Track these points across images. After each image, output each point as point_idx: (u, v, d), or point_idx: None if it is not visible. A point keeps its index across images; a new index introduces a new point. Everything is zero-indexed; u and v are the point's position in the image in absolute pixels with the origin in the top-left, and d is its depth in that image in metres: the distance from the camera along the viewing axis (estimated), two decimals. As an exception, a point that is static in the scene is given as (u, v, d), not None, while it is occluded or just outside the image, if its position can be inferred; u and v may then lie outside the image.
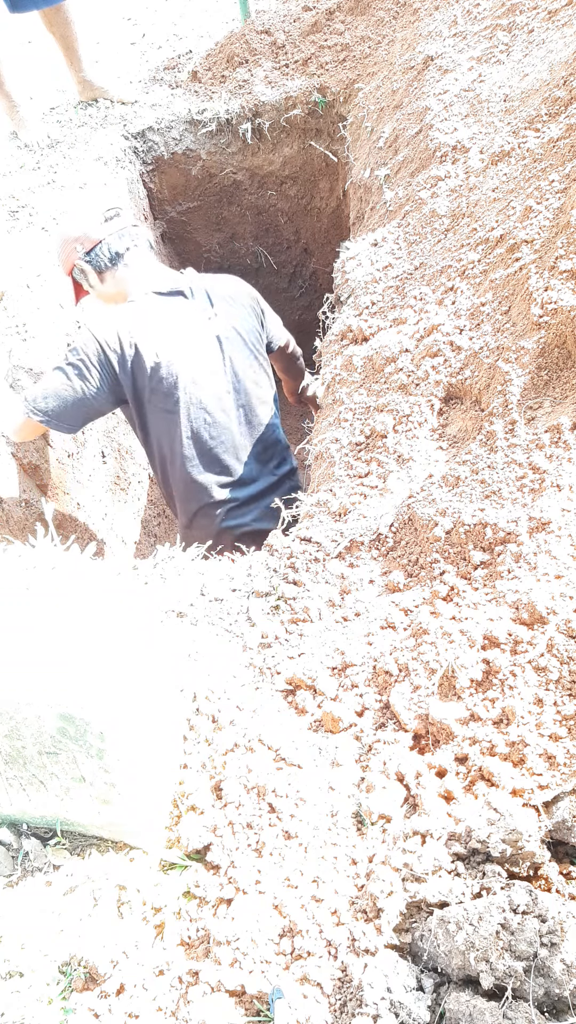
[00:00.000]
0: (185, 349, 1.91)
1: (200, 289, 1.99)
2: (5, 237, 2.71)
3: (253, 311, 2.10)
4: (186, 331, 1.92)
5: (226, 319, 2.00)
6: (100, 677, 1.04)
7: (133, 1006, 0.95)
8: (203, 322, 1.95)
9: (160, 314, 1.90)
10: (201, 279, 2.05)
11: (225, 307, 1.99)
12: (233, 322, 2.00)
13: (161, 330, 1.88)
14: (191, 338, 1.92)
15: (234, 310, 2.02)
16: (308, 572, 1.48)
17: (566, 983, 0.77)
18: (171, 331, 1.89)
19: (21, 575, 1.20)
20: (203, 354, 1.94)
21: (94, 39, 3.65)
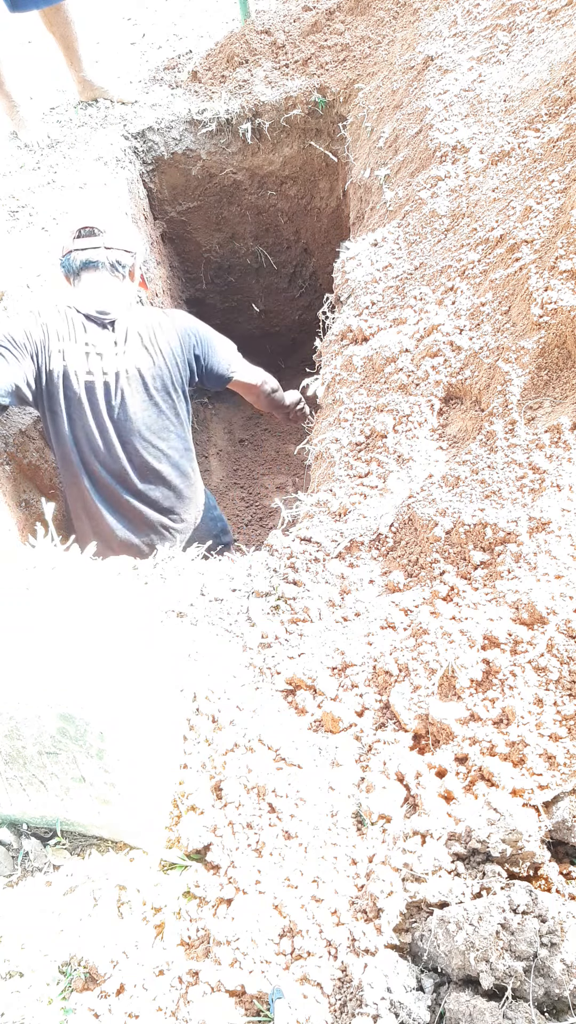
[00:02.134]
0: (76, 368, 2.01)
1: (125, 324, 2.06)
2: (5, 237, 2.71)
3: (176, 356, 2.12)
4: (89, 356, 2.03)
5: (133, 358, 2.05)
6: (100, 677, 1.04)
7: (133, 1006, 0.95)
8: (108, 355, 2.03)
9: (71, 329, 2.02)
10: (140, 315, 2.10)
11: (136, 346, 2.05)
12: (138, 363, 2.06)
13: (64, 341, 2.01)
14: (89, 363, 2.03)
15: (144, 352, 2.07)
16: (308, 572, 1.48)
17: (566, 983, 0.77)
18: (73, 347, 2.01)
19: (21, 575, 1.20)
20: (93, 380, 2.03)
21: (94, 39, 3.64)
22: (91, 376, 2.01)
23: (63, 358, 2.00)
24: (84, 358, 2.01)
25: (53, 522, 2.24)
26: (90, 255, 2.05)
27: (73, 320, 2.02)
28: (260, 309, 4.11)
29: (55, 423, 2.04)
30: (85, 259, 2.05)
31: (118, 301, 2.08)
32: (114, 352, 2.03)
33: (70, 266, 2.07)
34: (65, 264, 2.09)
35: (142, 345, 2.07)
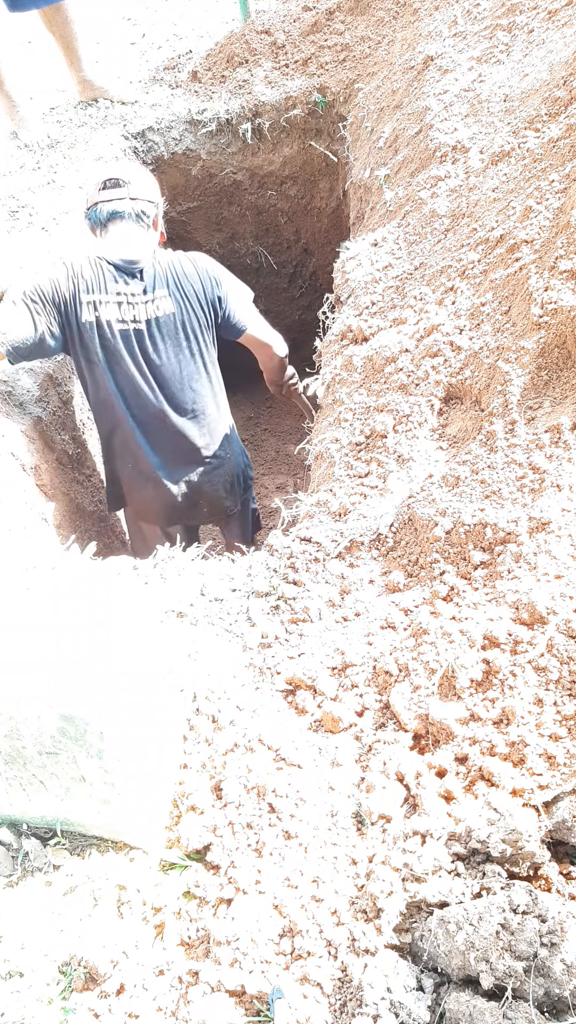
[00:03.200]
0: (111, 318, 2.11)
1: (153, 271, 2.13)
2: (5, 237, 2.71)
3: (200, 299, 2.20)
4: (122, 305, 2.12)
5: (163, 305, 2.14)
6: (100, 677, 1.04)
7: (133, 1006, 0.95)
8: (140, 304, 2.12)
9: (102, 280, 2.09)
10: (164, 260, 2.18)
11: (164, 293, 2.14)
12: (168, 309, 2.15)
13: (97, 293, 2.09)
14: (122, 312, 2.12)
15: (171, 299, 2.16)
16: (308, 572, 1.48)
17: (566, 983, 0.77)
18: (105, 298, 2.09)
19: (21, 575, 1.20)
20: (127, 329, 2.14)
21: (94, 39, 3.64)
22: (124, 325, 2.11)
23: (95, 308, 2.08)
24: (117, 308, 2.09)
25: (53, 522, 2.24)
26: (116, 206, 2.10)
27: (104, 271, 2.09)
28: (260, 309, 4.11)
29: (93, 372, 2.14)
30: (111, 210, 2.10)
31: (145, 250, 2.14)
32: (144, 300, 2.12)
33: (97, 218, 2.12)
34: (92, 216, 2.14)
35: (169, 292, 2.14)
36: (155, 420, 2.23)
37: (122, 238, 2.12)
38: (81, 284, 2.08)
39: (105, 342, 2.11)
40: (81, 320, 2.08)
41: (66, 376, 2.53)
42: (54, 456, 2.40)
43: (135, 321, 2.11)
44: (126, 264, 2.10)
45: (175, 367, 2.20)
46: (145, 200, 2.14)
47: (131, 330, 2.12)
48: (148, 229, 2.18)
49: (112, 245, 2.12)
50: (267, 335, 2.41)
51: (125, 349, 2.12)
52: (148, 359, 2.16)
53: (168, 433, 2.27)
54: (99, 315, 2.08)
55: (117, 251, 2.11)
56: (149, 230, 2.18)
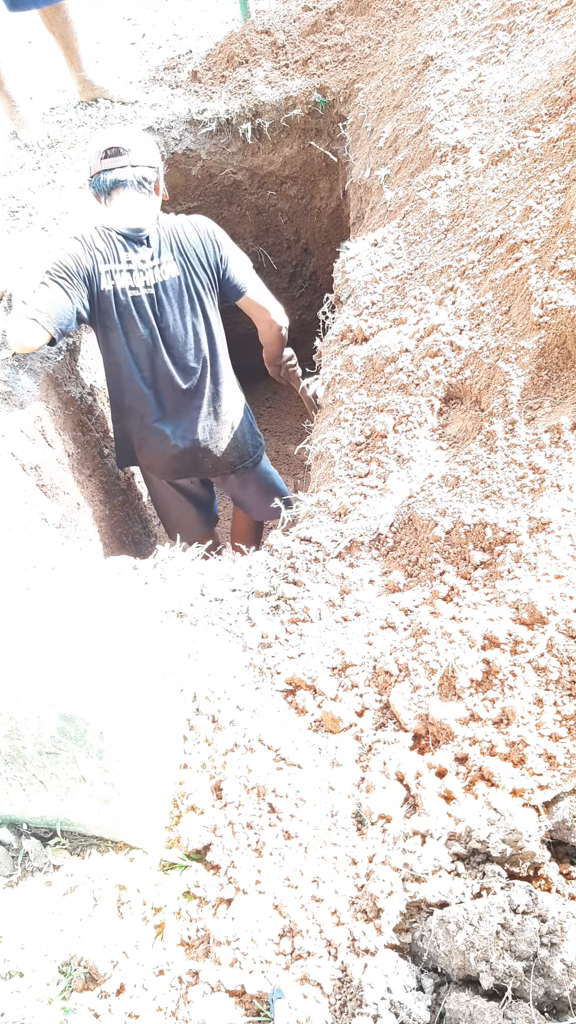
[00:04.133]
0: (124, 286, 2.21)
1: (158, 237, 2.23)
2: (5, 237, 2.71)
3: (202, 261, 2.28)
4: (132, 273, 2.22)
5: (168, 269, 2.24)
6: (100, 677, 1.04)
7: (133, 1006, 0.95)
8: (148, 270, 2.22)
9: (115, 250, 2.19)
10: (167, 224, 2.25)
11: (169, 258, 2.23)
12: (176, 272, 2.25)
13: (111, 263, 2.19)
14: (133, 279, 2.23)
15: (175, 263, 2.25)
16: (308, 572, 1.48)
17: (566, 983, 0.77)
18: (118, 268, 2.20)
19: (21, 575, 1.20)
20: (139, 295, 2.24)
21: (94, 39, 3.64)
22: (136, 291, 2.22)
23: (111, 278, 2.19)
24: (129, 276, 2.21)
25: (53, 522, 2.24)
26: (118, 174, 2.18)
27: (114, 241, 2.19)
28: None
29: (109, 337, 2.27)
30: (114, 179, 2.18)
31: (148, 216, 2.22)
32: (152, 266, 2.22)
33: (100, 186, 2.21)
34: (95, 184, 2.22)
35: (174, 256, 2.24)
36: (163, 379, 2.35)
37: (126, 206, 2.20)
38: (98, 256, 2.17)
39: (120, 308, 2.22)
40: (101, 289, 2.19)
41: (66, 376, 2.53)
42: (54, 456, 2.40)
43: (145, 287, 2.22)
44: (132, 233, 2.19)
45: (181, 328, 2.30)
46: (145, 166, 2.21)
47: (142, 295, 2.23)
48: (150, 194, 2.25)
49: (117, 214, 2.20)
50: (267, 300, 2.47)
51: (137, 314, 2.24)
52: (158, 321, 2.27)
53: (174, 391, 2.38)
54: (115, 283, 2.19)
55: (123, 220, 2.19)
56: (151, 195, 2.26)
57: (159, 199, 2.33)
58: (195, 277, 2.27)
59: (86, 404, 2.67)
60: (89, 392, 2.69)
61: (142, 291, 2.22)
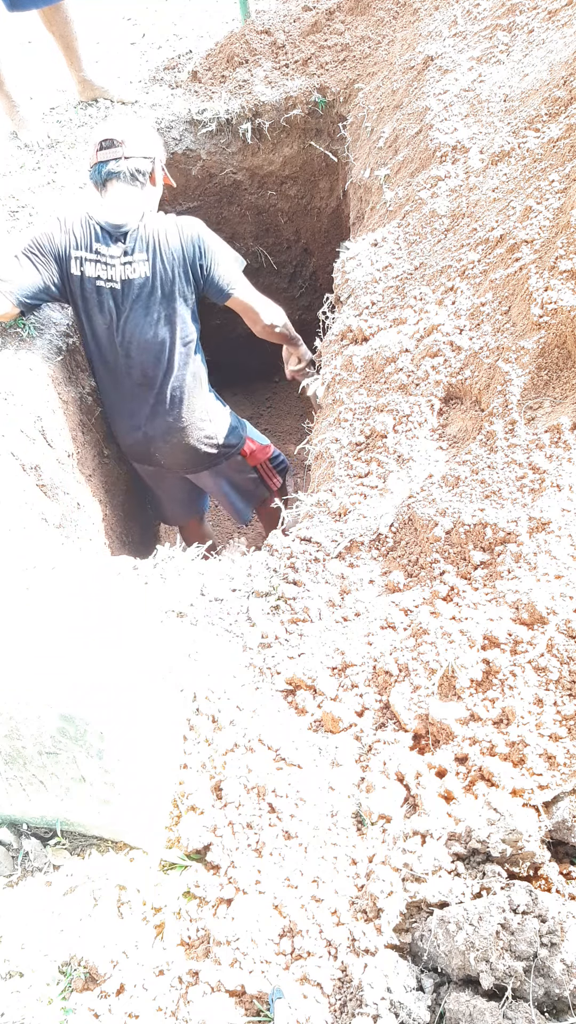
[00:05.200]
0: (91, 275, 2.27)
1: (135, 236, 2.25)
2: (5, 237, 2.70)
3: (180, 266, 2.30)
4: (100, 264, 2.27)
5: (138, 268, 2.27)
6: (100, 677, 1.04)
7: (133, 1006, 0.95)
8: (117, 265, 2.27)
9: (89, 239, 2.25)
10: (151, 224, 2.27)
11: (142, 258, 2.26)
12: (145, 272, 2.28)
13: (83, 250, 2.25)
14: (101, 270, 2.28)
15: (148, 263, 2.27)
16: (308, 572, 1.48)
17: (566, 983, 0.77)
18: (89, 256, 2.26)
19: (21, 575, 1.20)
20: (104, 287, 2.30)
21: (94, 39, 3.64)
22: (102, 283, 2.28)
23: (80, 264, 2.26)
24: (95, 266, 2.26)
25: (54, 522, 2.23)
26: (111, 167, 2.22)
27: (91, 229, 2.25)
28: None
29: (80, 319, 2.36)
30: (108, 171, 2.23)
31: (135, 211, 2.26)
32: (121, 262, 2.26)
33: (96, 177, 2.26)
34: (93, 175, 2.27)
35: (148, 256, 2.27)
36: (121, 371, 2.42)
37: (114, 200, 2.25)
38: (71, 240, 2.24)
39: (86, 295, 2.29)
40: (71, 272, 2.26)
41: (66, 376, 2.53)
42: (54, 456, 2.40)
43: (110, 280, 2.28)
44: (111, 227, 2.24)
45: (141, 328, 2.34)
46: (139, 157, 2.23)
47: (107, 288, 2.28)
48: (143, 187, 2.28)
49: (106, 206, 2.26)
50: (255, 300, 2.46)
51: (99, 303, 2.30)
52: (119, 316, 2.33)
53: (130, 385, 2.46)
54: (83, 270, 2.26)
55: (106, 213, 2.25)
56: (144, 187, 2.28)
57: (157, 189, 2.35)
58: (168, 281, 2.29)
59: (86, 404, 2.67)
60: (89, 392, 2.69)
61: (107, 284, 2.28)
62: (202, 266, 2.30)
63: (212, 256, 2.31)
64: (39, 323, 2.45)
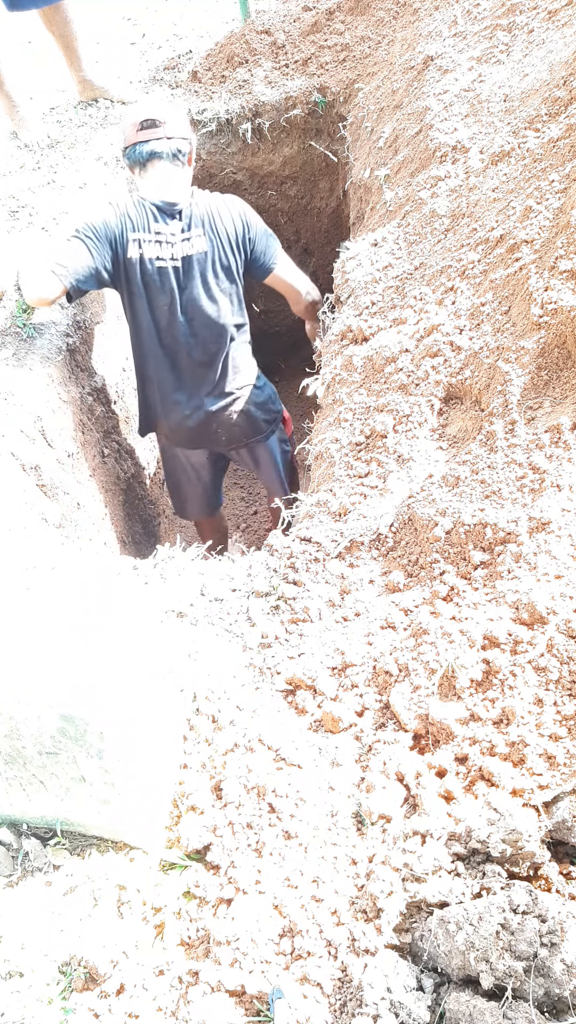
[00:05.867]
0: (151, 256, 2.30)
1: (190, 211, 2.29)
2: (5, 237, 2.70)
3: (232, 240, 2.36)
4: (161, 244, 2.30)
5: (197, 244, 2.31)
6: (100, 677, 1.04)
7: (133, 1006, 0.95)
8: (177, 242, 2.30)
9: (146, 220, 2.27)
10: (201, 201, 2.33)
11: (199, 233, 2.31)
12: (205, 247, 2.32)
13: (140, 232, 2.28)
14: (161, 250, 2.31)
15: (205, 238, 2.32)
16: (308, 572, 1.48)
17: (566, 983, 0.77)
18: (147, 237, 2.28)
19: (21, 575, 1.20)
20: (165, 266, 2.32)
21: (94, 39, 3.64)
22: (163, 262, 2.30)
23: (139, 247, 2.27)
24: (157, 246, 2.28)
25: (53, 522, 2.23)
26: (154, 146, 2.22)
27: (147, 211, 2.27)
28: (260, 309, 4.11)
29: (135, 304, 2.35)
30: (150, 150, 2.23)
31: (182, 189, 2.30)
32: (181, 239, 2.29)
33: (136, 157, 2.26)
34: (131, 155, 2.27)
35: (204, 232, 2.31)
36: (182, 350, 2.42)
37: (161, 179, 2.26)
38: (128, 223, 2.25)
39: (146, 277, 2.29)
40: (127, 256, 2.26)
41: (66, 376, 2.53)
42: (54, 456, 2.40)
43: (172, 259, 2.29)
44: (166, 205, 2.26)
45: (204, 302, 2.36)
46: (180, 138, 2.26)
47: (168, 267, 2.30)
48: (184, 166, 2.31)
49: (152, 186, 2.27)
50: (296, 278, 2.54)
51: (161, 284, 2.31)
52: (181, 294, 2.34)
53: (192, 363, 2.46)
54: (142, 252, 2.27)
55: (158, 192, 2.26)
56: (184, 167, 2.32)
57: (191, 170, 2.40)
58: (223, 254, 2.34)
59: (86, 404, 2.67)
60: (89, 392, 2.69)
61: (168, 263, 2.29)
62: (249, 239, 2.38)
63: (257, 231, 2.40)
64: (39, 323, 2.45)
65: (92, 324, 2.73)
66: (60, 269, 2.14)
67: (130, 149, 2.26)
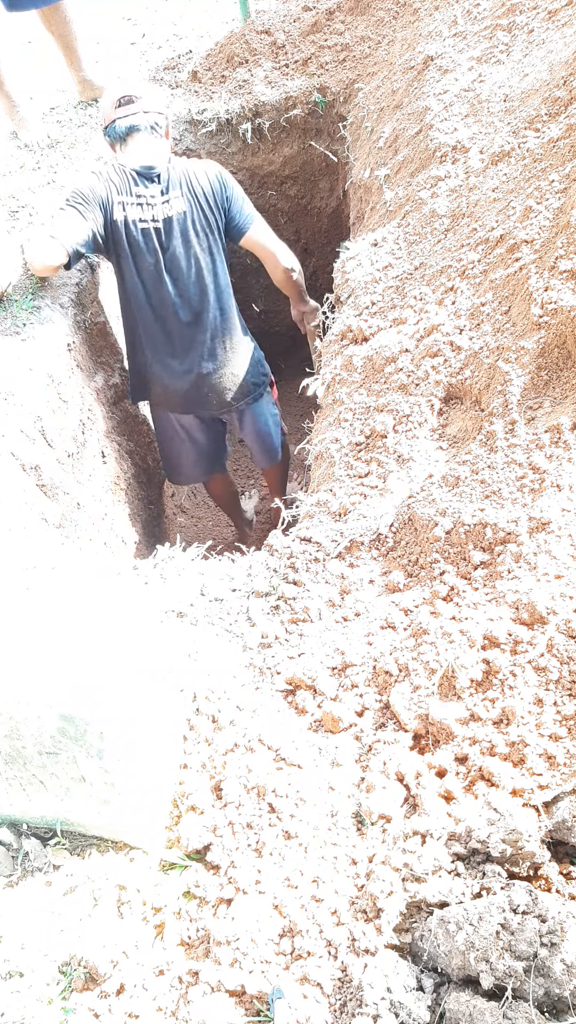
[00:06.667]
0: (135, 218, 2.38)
1: (167, 175, 2.38)
2: (5, 237, 2.70)
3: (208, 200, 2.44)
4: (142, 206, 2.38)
5: (176, 205, 2.40)
6: (100, 677, 1.04)
7: (133, 1006, 0.95)
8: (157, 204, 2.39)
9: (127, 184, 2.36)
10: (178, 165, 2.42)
11: (177, 195, 2.40)
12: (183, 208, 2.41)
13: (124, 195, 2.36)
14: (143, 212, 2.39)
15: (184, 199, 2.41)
16: (308, 572, 1.48)
17: (566, 983, 0.77)
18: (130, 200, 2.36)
19: (21, 575, 1.20)
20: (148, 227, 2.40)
21: (94, 39, 3.64)
22: (145, 224, 2.38)
23: (123, 209, 2.35)
24: (139, 208, 2.37)
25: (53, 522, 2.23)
26: (132, 120, 2.33)
27: (127, 175, 2.36)
28: (260, 309, 4.11)
29: (122, 266, 2.43)
30: (129, 124, 2.33)
31: (160, 156, 2.39)
32: (161, 201, 2.38)
33: (116, 134, 2.36)
34: (111, 132, 2.37)
35: (182, 193, 2.39)
36: (170, 312, 2.49)
37: (140, 148, 2.36)
38: (112, 187, 2.33)
39: (131, 239, 2.37)
40: (113, 219, 2.34)
41: (66, 376, 2.53)
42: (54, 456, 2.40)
43: (153, 220, 2.38)
44: (145, 170, 2.35)
45: (187, 262, 2.44)
46: (155, 112, 2.37)
47: (151, 228, 2.38)
48: (161, 137, 2.41)
49: (132, 155, 2.36)
50: (271, 241, 2.59)
51: (145, 245, 2.39)
52: (164, 254, 2.42)
53: (180, 324, 2.52)
54: (126, 215, 2.35)
55: (137, 159, 2.35)
56: (161, 138, 2.41)
57: (169, 143, 2.47)
58: (202, 215, 2.42)
59: (87, 403, 2.67)
60: (90, 392, 2.69)
61: (150, 224, 2.37)
62: (226, 197, 2.45)
63: (232, 191, 2.47)
64: (39, 322, 2.45)
65: (92, 324, 2.73)
66: (60, 235, 2.22)
67: (110, 127, 2.35)
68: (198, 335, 2.55)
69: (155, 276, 2.43)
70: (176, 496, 3.87)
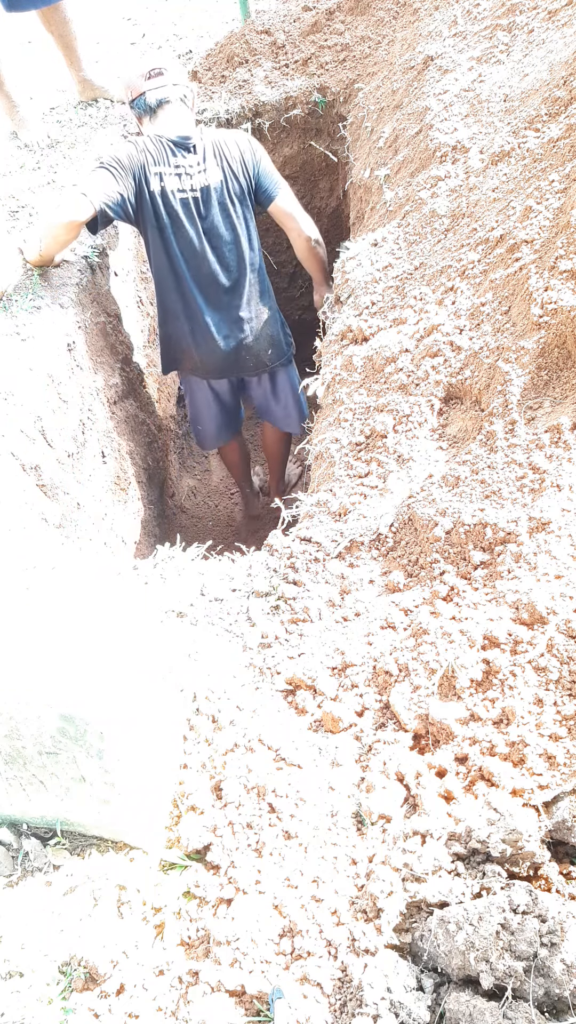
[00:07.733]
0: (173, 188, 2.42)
1: (202, 145, 2.42)
2: (5, 237, 2.70)
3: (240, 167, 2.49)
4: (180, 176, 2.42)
5: (212, 174, 2.44)
6: (100, 677, 1.04)
7: (133, 1006, 0.95)
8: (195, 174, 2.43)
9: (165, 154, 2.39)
10: (208, 135, 2.46)
11: (213, 164, 2.44)
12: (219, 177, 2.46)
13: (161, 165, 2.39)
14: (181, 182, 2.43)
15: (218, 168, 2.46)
16: (308, 572, 1.48)
17: (566, 983, 0.77)
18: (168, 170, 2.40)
19: (21, 575, 1.20)
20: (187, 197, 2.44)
21: (94, 39, 3.64)
22: (184, 193, 2.42)
23: (160, 180, 2.38)
24: (177, 179, 2.41)
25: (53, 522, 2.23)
26: (162, 93, 2.37)
27: (164, 146, 2.38)
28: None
29: (160, 237, 2.46)
30: (160, 97, 2.37)
31: (193, 127, 2.44)
32: (197, 171, 2.42)
33: (145, 106, 2.39)
34: (140, 104, 2.40)
35: (216, 163, 2.44)
36: (208, 279, 2.54)
37: (173, 119, 2.39)
38: (148, 158, 2.35)
39: (169, 209, 2.40)
40: (150, 189, 2.37)
41: (66, 375, 2.53)
42: (54, 456, 2.40)
43: (192, 190, 2.42)
44: (181, 140, 2.38)
45: (224, 229, 2.49)
46: (184, 85, 2.43)
47: (189, 198, 2.42)
48: (191, 109, 2.46)
49: (164, 126, 2.39)
50: (296, 210, 2.63)
51: (184, 215, 2.43)
52: (203, 222, 2.46)
53: (219, 291, 2.57)
54: (164, 185, 2.38)
55: (172, 129, 2.38)
56: (191, 109, 2.47)
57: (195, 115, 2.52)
58: (235, 183, 2.47)
59: (86, 404, 2.67)
60: (90, 392, 2.69)
61: (188, 193, 2.41)
62: (255, 163, 2.50)
63: (261, 157, 2.53)
64: (39, 322, 2.45)
65: (92, 324, 2.73)
66: (90, 191, 2.21)
67: (139, 99, 2.37)
68: (236, 300, 2.61)
69: (195, 245, 2.46)
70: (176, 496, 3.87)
